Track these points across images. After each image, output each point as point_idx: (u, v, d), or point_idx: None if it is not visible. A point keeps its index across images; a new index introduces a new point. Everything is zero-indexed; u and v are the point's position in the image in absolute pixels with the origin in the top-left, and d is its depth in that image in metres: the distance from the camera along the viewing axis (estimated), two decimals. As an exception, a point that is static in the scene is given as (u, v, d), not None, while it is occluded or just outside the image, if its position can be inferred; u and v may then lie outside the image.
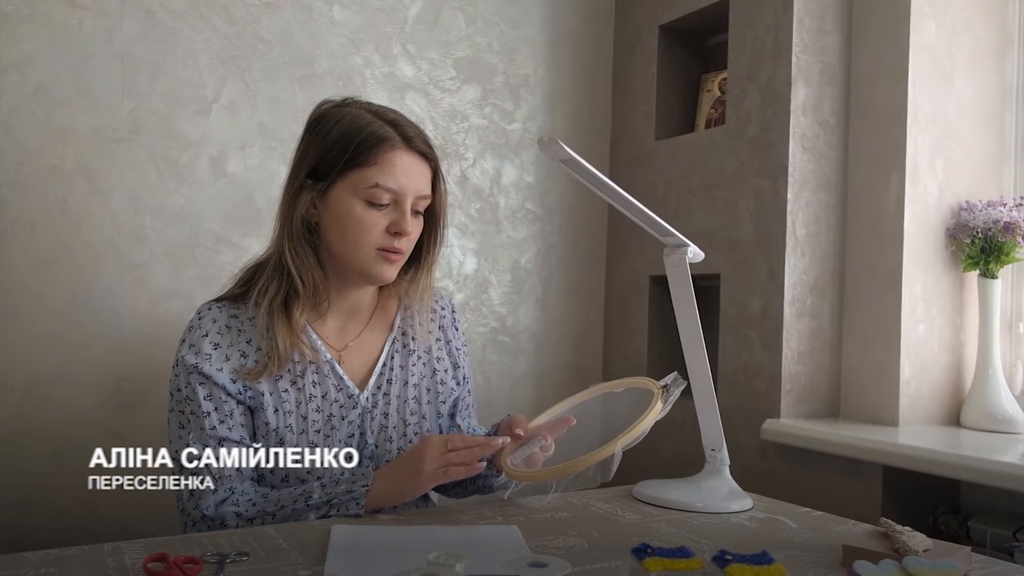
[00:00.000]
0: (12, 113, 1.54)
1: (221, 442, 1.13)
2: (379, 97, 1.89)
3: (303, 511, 1.09)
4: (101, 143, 1.62)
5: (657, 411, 1.10)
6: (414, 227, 1.19)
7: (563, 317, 2.19)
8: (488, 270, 2.08)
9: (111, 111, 1.62)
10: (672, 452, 2.00)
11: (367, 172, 1.14)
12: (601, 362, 2.25)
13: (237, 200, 1.75)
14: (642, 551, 0.83)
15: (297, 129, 1.78)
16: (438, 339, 1.33)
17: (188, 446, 1.13)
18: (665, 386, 1.13)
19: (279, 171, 1.78)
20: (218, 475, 1.13)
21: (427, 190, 1.19)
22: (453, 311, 1.37)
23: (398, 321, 1.29)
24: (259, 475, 1.19)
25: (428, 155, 1.19)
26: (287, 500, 1.10)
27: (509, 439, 1.13)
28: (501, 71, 2.09)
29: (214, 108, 1.72)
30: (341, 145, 1.15)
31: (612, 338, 2.23)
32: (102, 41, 1.61)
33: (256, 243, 1.76)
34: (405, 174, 1.15)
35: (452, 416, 1.34)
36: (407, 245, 1.19)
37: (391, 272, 1.19)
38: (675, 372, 1.15)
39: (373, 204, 1.15)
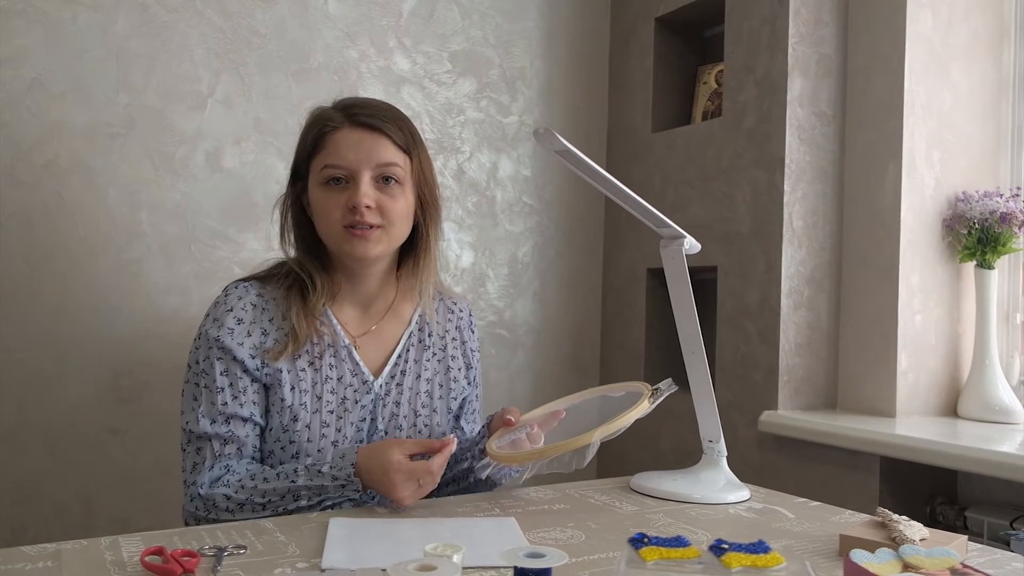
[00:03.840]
0: (6, 109, 1.53)
1: (229, 419, 1.15)
2: (375, 91, 1.89)
3: (293, 511, 1.09)
4: (96, 138, 1.61)
5: (640, 410, 1.10)
6: (384, 199, 1.18)
7: (561, 310, 2.19)
8: (485, 264, 2.08)
9: (106, 106, 1.62)
10: (670, 443, 2.00)
11: (320, 157, 1.20)
12: (599, 355, 2.25)
13: (233, 195, 1.74)
14: (639, 541, 0.83)
15: (293, 123, 1.80)
16: (454, 338, 1.35)
17: (198, 419, 1.15)
18: (656, 389, 1.13)
19: (275, 166, 1.78)
20: (218, 452, 1.15)
21: (388, 157, 1.18)
22: (470, 315, 1.40)
23: (415, 316, 1.31)
24: (268, 452, 1.19)
25: (378, 126, 1.19)
26: (275, 495, 1.10)
27: (456, 441, 1.12)
28: (497, 64, 2.08)
29: (209, 103, 1.72)
30: (304, 140, 1.23)
31: (610, 331, 2.23)
32: (96, 36, 1.61)
33: (253, 238, 1.76)
34: (350, 149, 1.18)
35: (457, 417, 1.35)
36: (376, 218, 1.17)
37: (364, 247, 1.18)
38: (669, 378, 1.15)
39: (329, 184, 1.18)
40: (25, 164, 1.55)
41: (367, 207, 1.16)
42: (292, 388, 1.18)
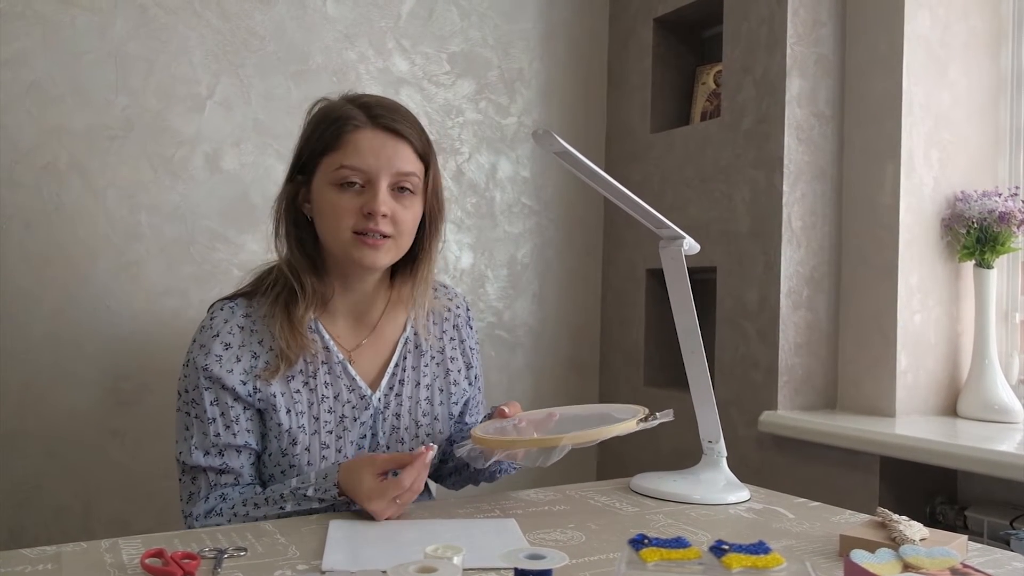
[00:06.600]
0: (5, 111, 1.53)
1: (223, 451, 1.13)
2: (373, 92, 1.89)
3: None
4: (95, 140, 1.61)
5: (623, 428, 1.06)
6: (398, 208, 1.14)
7: (560, 311, 2.19)
8: (484, 265, 2.08)
9: (105, 108, 1.62)
10: (669, 444, 2.00)
11: (335, 156, 1.13)
12: (598, 355, 2.25)
13: (232, 196, 1.74)
14: (639, 542, 0.83)
15: (292, 125, 1.79)
16: (452, 338, 1.31)
17: (191, 450, 1.13)
18: (651, 415, 1.11)
19: (274, 167, 1.78)
20: (214, 483, 1.13)
21: (407, 167, 1.15)
22: (468, 310, 1.36)
23: (409, 322, 1.26)
24: (268, 476, 1.17)
25: (402, 131, 1.15)
26: (266, 515, 1.09)
27: (436, 447, 1.06)
28: (496, 65, 2.08)
29: (208, 104, 1.72)
30: (315, 135, 1.16)
31: (609, 331, 2.23)
32: (95, 38, 1.61)
33: (252, 240, 1.76)
34: (372, 153, 1.13)
35: (462, 414, 1.33)
36: (389, 227, 1.14)
37: (374, 257, 1.14)
38: (670, 410, 1.11)
39: (343, 187, 1.13)
40: (24, 166, 1.55)
41: (383, 215, 1.12)
42: (288, 411, 1.14)
